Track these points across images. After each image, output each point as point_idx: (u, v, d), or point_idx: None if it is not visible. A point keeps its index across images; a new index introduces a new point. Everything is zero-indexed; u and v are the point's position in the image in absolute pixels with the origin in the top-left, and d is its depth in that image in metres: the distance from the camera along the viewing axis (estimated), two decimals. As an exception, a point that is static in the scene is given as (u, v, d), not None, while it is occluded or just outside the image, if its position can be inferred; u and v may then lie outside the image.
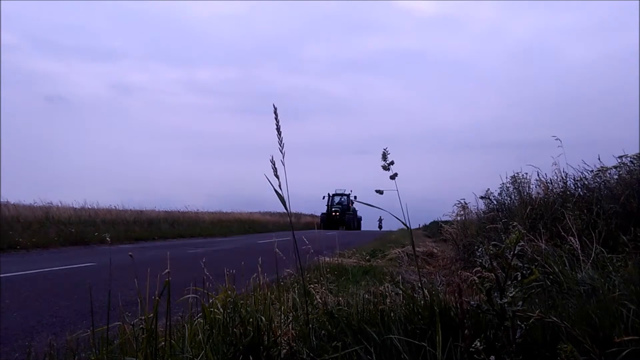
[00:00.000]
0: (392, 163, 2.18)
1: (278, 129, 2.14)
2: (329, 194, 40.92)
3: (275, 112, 2.14)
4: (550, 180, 5.85)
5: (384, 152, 2.17)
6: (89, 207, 20.22)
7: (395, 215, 2.25)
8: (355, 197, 35.89)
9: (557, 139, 5.61)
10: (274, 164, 2.08)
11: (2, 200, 16.37)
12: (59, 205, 18.81)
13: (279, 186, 2.13)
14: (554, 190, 5.63)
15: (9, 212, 15.39)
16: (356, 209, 41.51)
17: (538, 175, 6.11)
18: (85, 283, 6.14)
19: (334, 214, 38.63)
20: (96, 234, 14.88)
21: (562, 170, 5.66)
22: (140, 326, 2.08)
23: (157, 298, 2.01)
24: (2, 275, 7.21)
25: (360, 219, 42.88)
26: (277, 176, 2.11)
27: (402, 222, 2.25)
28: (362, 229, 42.01)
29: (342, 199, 40.77)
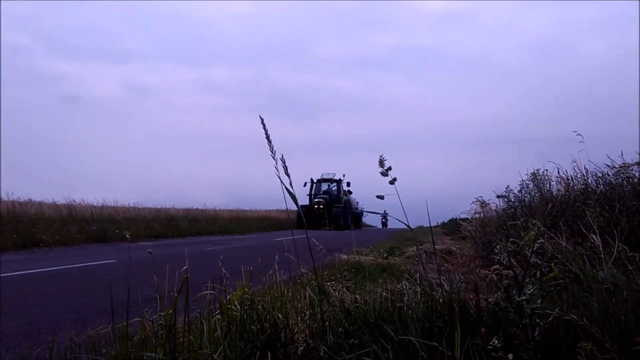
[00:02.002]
0: (389, 169, 2.17)
1: (267, 137, 2.14)
2: (312, 180, 31.11)
3: (262, 123, 2.14)
4: (571, 176, 5.76)
5: (380, 158, 2.17)
6: (109, 205, 20.53)
7: (397, 218, 2.24)
8: (348, 184, 30.24)
9: (578, 134, 5.51)
10: (284, 162, 2.09)
11: (26, 198, 16.69)
12: (81, 203, 19.12)
13: (290, 184, 2.14)
14: (575, 187, 5.53)
15: (33, 210, 15.70)
16: (355, 200, 32.85)
17: (558, 171, 6.02)
18: (106, 280, 6.24)
19: (316, 207, 28.24)
20: (117, 231, 15.12)
21: (583, 167, 5.56)
22: (160, 322, 2.10)
23: (175, 294, 2.04)
24: (25, 272, 7.37)
25: (360, 213, 34.16)
26: (287, 174, 2.12)
27: (404, 223, 2.25)
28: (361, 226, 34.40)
29: (331, 187, 31.57)
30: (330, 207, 28.60)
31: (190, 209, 25.95)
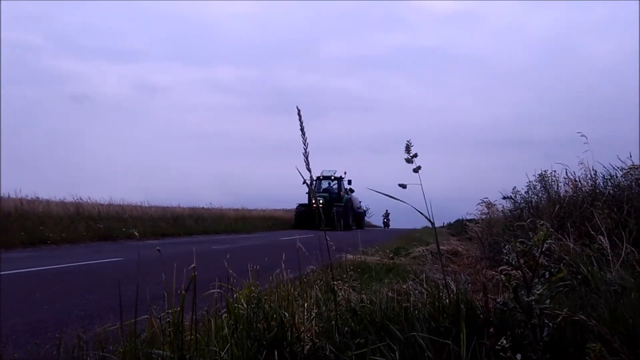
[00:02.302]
0: (415, 155, 2.15)
1: (302, 129, 2.15)
2: (311, 177, 30.37)
3: (299, 114, 2.16)
4: (579, 178, 5.73)
5: (407, 144, 2.14)
6: (116, 203, 20.63)
7: (419, 211, 2.22)
8: (349, 182, 28.65)
9: (582, 135, 5.49)
10: (306, 157, 2.10)
11: (34, 196, 16.81)
12: (88, 201, 19.22)
13: (311, 180, 2.16)
14: (583, 188, 5.51)
15: (40, 208, 15.81)
16: (357, 199, 31.08)
17: (566, 173, 5.99)
18: (113, 277, 6.28)
19: (314, 205, 25.61)
20: (123, 229, 15.18)
21: (591, 168, 5.54)
22: (167, 319, 2.11)
23: (183, 292, 2.05)
24: (33, 270, 7.42)
25: (364, 213, 33.00)
26: (309, 169, 2.14)
27: (427, 218, 2.22)
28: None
29: (331, 185, 29.91)
30: (330, 206, 26.68)
31: (196, 207, 26.03)
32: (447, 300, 2.25)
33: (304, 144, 2.18)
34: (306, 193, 28.46)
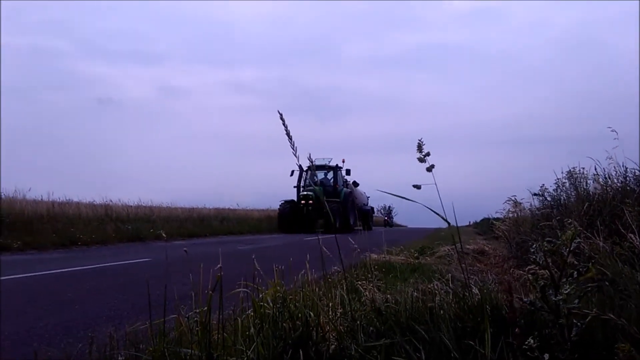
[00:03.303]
0: (427, 154, 2.13)
1: (288, 134, 2.17)
2: (300, 167, 22.69)
3: (281, 118, 2.17)
4: (609, 175, 5.60)
5: (419, 142, 2.12)
6: (144, 205, 20.99)
7: (434, 211, 2.21)
8: (348, 172, 23.86)
9: (613, 130, 5.36)
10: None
11: (65, 198, 17.23)
12: (118, 203, 19.61)
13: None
14: (613, 185, 5.37)
15: (71, 210, 16.20)
16: (363, 194, 25.98)
17: (595, 169, 5.86)
18: (142, 277, 6.39)
19: (302, 203, 22.16)
20: (151, 230, 15.45)
21: (621, 164, 5.41)
22: (195, 319, 2.15)
23: (210, 292, 2.08)
24: (64, 270, 7.62)
25: (371, 211, 28.09)
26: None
27: (443, 218, 2.20)
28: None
29: (326, 177, 24.57)
30: (322, 202, 21.57)
31: (221, 208, 26.26)
32: (473, 300, 2.23)
33: (292, 147, 2.15)
34: (294, 187, 23.93)
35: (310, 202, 22.15)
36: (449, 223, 2.22)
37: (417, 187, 2.11)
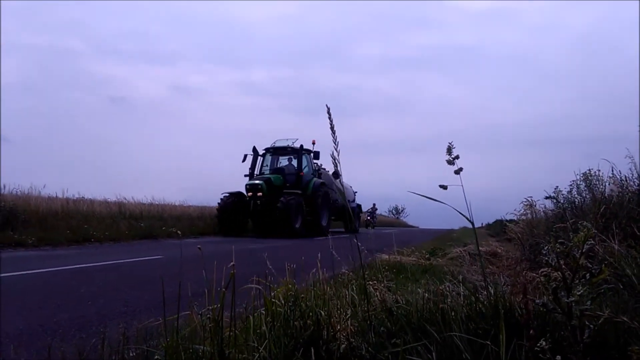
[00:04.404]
0: (457, 157, 2.14)
1: (332, 128, 2.15)
2: (254, 150, 18.69)
3: (328, 112, 2.16)
4: (625, 177, 5.53)
5: (449, 146, 2.14)
6: (157, 203, 21.14)
7: (460, 212, 2.20)
8: (316, 156, 18.56)
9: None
10: (334, 159, 2.10)
11: (79, 195, 17.42)
12: (131, 200, 19.78)
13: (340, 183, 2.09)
14: (629, 188, 5.31)
15: (85, 207, 16.38)
16: (348, 188, 21.79)
17: (612, 171, 5.79)
18: (154, 274, 6.45)
19: (249, 195, 17.11)
20: (163, 228, 15.57)
21: (638, 166, 5.33)
22: (208, 316, 2.17)
23: (223, 290, 2.10)
24: (78, 266, 7.71)
25: (358, 209, 23.74)
26: (336, 169, 2.14)
27: (468, 219, 2.20)
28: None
29: (289, 163, 19.04)
30: (277, 196, 16.39)
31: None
32: (486, 302, 2.22)
33: (336, 147, 2.14)
34: (245, 176, 18.37)
35: (260, 194, 16.76)
36: (473, 225, 2.23)
37: (444, 187, 2.11)
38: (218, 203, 17.79)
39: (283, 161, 19.61)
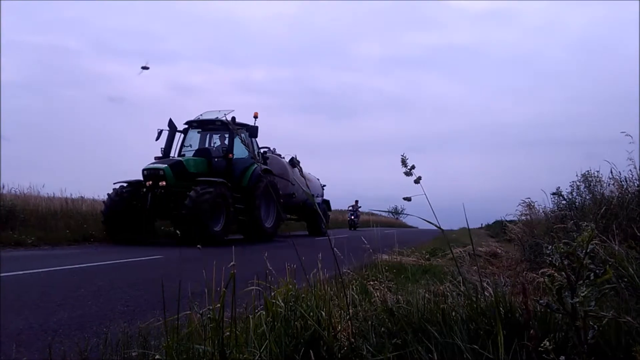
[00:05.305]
0: (413, 167, 2.14)
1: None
2: (170, 124, 13.87)
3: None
4: (625, 178, 5.54)
5: (402, 158, 2.14)
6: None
7: (427, 220, 2.22)
8: (253, 133, 13.78)
9: (627, 135, 5.30)
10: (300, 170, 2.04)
11: (77, 195, 17.33)
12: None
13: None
14: (629, 189, 5.31)
15: (84, 206, 16.36)
16: (314, 181, 18.10)
17: (612, 172, 5.79)
18: (154, 274, 6.44)
19: (147, 185, 12.25)
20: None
21: (638, 168, 5.34)
22: (208, 316, 2.16)
23: (223, 290, 2.09)
24: (78, 266, 7.70)
25: (324, 205, 18.97)
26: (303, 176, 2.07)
27: (437, 226, 2.22)
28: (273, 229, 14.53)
29: (216, 139, 14.73)
30: (185, 186, 11.83)
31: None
32: (486, 302, 2.22)
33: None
34: (155, 159, 13.34)
35: (163, 183, 11.90)
36: (442, 230, 2.25)
37: (408, 199, 2.13)
38: (107, 196, 12.75)
39: (215, 140, 14.72)
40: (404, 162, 2.15)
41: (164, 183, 12.06)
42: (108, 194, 12.78)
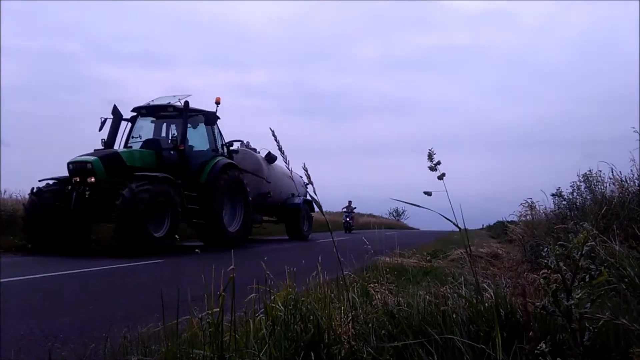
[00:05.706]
0: (438, 163, 2.15)
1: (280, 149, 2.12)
2: (115, 112, 11.38)
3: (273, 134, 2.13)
4: (626, 178, 5.53)
5: (429, 152, 2.15)
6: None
7: (446, 217, 2.21)
8: (211, 120, 12.01)
9: (635, 131, 5.25)
10: (306, 171, 2.11)
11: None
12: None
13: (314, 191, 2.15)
14: (630, 188, 5.31)
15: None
16: (297, 179, 14.24)
17: (612, 172, 5.79)
18: (155, 279, 6.45)
19: (73, 182, 9.86)
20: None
21: (638, 167, 5.33)
22: (207, 320, 2.16)
23: (222, 294, 2.09)
24: (78, 271, 7.69)
25: (307, 205, 15.94)
26: (311, 182, 2.16)
27: (454, 224, 2.21)
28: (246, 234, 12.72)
29: (174, 129, 11.90)
30: (121, 182, 9.59)
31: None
32: (486, 304, 2.22)
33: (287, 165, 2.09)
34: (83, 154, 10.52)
35: (91, 179, 9.92)
36: (459, 228, 2.23)
37: (428, 194, 2.13)
38: (27, 196, 10.78)
39: (173, 130, 12.22)
40: (430, 157, 2.16)
41: (93, 179, 9.89)
42: (28, 195, 10.61)
